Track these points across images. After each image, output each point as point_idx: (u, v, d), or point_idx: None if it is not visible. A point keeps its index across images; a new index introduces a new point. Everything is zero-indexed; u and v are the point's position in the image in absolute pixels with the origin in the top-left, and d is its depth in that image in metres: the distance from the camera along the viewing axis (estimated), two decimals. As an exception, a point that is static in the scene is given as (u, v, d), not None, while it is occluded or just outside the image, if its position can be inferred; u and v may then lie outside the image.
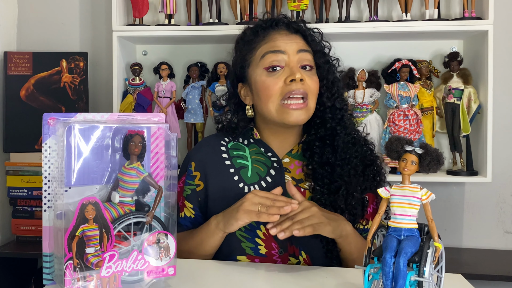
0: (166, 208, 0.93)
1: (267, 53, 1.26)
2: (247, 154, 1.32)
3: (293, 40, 1.28)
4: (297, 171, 1.30)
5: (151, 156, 0.92)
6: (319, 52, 1.31)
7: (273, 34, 1.30)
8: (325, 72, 1.30)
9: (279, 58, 1.25)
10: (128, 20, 1.95)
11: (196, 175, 1.31)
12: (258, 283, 1.00)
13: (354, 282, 0.98)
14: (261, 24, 1.34)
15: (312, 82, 1.26)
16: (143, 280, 0.90)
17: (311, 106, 1.26)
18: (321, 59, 1.30)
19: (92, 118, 0.91)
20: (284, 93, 1.23)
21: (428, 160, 0.79)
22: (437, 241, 0.77)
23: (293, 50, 1.26)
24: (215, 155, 1.32)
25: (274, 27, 1.31)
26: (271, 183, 1.27)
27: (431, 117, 1.84)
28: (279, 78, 1.24)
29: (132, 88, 1.90)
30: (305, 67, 1.27)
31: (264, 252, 1.21)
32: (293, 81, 1.22)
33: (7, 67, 1.92)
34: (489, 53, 1.71)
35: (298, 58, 1.26)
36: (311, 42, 1.30)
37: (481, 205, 1.96)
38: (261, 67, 1.27)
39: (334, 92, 1.30)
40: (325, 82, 1.30)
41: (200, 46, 2.01)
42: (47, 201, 0.89)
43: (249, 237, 1.21)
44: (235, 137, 1.35)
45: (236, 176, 1.28)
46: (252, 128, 1.35)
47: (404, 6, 1.82)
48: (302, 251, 1.22)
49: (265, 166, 1.30)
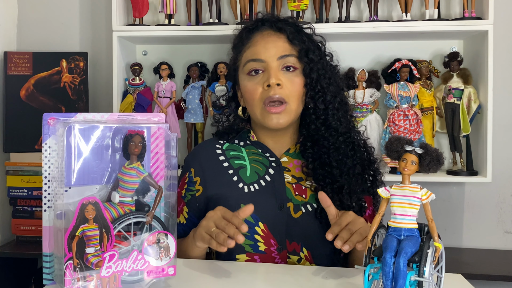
0: (166, 208, 0.93)
1: (248, 61, 1.29)
2: (244, 154, 1.33)
3: (275, 43, 1.28)
4: (296, 169, 1.31)
5: (151, 156, 0.92)
6: (303, 51, 1.28)
7: (256, 36, 1.31)
8: (307, 71, 1.28)
9: (259, 65, 1.28)
10: (128, 20, 1.95)
11: (197, 181, 1.31)
12: (258, 283, 1.00)
13: (354, 282, 0.98)
14: (247, 27, 1.35)
15: (292, 84, 1.26)
16: (143, 280, 0.90)
17: (292, 109, 1.26)
18: (303, 58, 1.28)
19: (92, 118, 0.91)
20: (263, 98, 1.25)
21: (428, 160, 0.79)
22: (437, 241, 0.77)
23: (273, 57, 1.26)
24: (212, 158, 1.32)
25: (260, 28, 1.32)
26: (270, 182, 1.27)
27: (431, 117, 1.84)
28: (259, 83, 1.27)
29: (132, 88, 1.90)
30: (288, 68, 1.27)
31: (263, 249, 1.21)
32: (270, 86, 1.24)
33: (7, 67, 1.92)
34: (489, 53, 1.71)
35: (278, 63, 1.26)
36: (295, 41, 1.29)
37: (481, 205, 1.96)
38: (244, 72, 1.31)
39: (317, 91, 1.27)
40: (308, 81, 1.28)
41: (200, 46, 2.01)
42: (47, 201, 0.89)
43: (248, 235, 1.21)
44: (231, 139, 1.36)
45: (236, 177, 1.28)
46: (249, 130, 1.36)
47: (404, 6, 1.82)
48: (303, 247, 1.22)
49: (264, 166, 1.30)
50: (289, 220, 1.23)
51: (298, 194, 1.26)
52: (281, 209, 1.23)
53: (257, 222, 1.22)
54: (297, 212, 1.24)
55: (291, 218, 1.23)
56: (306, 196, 1.26)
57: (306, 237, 1.21)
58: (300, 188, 1.27)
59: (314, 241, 1.22)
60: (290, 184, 1.27)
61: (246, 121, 1.39)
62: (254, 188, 1.26)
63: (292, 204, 1.24)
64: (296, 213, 1.24)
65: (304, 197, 1.26)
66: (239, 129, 1.37)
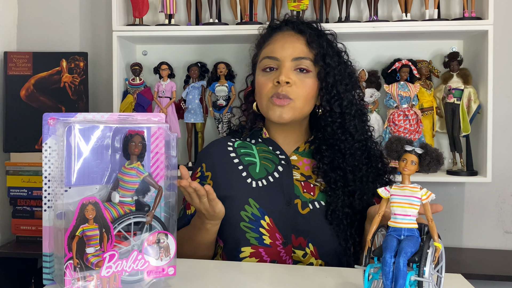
0: (166, 208, 0.93)
1: (264, 57, 1.33)
2: (254, 152, 1.35)
3: (293, 43, 1.32)
4: (306, 168, 1.33)
5: (151, 156, 0.92)
6: (320, 55, 1.31)
7: (277, 35, 1.36)
8: (323, 75, 1.31)
9: (273, 63, 1.31)
10: (128, 20, 1.95)
11: (208, 175, 1.34)
12: (258, 283, 1.00)
13: (354, 282, 0.98)
14: (271, 26, 1.40)
15: (302, 85, 1.29)
16: (143, 280, 0.90)
17: (297, 106, 1.28)
18: (319, 62, 1.31)
19: (92, 118, 0.92)
20: (272, 92, 1.29)
21: (428, 160, 0.79)
22: (437, 241, 0.77)
23: (288, 57, 1.30)
24: (223, 155, 1.35)
25: (282, 28, 1.37)
26: (278, 178, 1.29)
27: (431, 117, 1.84)
28: (270, 79, 1.31)
29: (132, 88, 1.90)
30: (302, 70, 1.30)
31: (268, 242, 1.23)
32: (279, 83, 1.28)
33: (7, 67, 1.92)
34: (489, 53, 1.71)
35: (292, 64, 1.30)
36: (313, 45, 1.32)
37: (481, 205, 1.96)
38: (260, 68, 1.35)
39: (333, 95, 1.30)
40: (324, 85, 1.31)
41: (200, 46, 2.01)
42: (47, 201, 0.89)
43: (253, 227, 1.24)
44: (244, 137, 1.39)
45: (245, 172, 1.31)
46: (262, 128, 1.39)
47: (404, 6, 1.82)
48: (310, 243, 1.23)
49: (273, 163, 1.32)
50: (297, 216, 1.24)
51: (306, 192, 1.28)
52: (289, 205, 1.25)
53: (263, 216, 1.24)
54: (305, 208, 1.25)
55: (299, 214, 1.25)
56: (314, 193, 1.28)
57: (313, 233, 1.23)
58: (309, 185, 1.29)
59: (321, 237, 1.24)
60: (299, 182, 1.29)
61: (260, 118, 1.42)
62: (262, 183, 1.28)
63: (300, 200, 1.26)
64: (304, 210, 1.25)
65: (312, 195, 1.27)
66: (252, 127, 1.40)
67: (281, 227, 1.24)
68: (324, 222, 1.24)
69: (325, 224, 1.24)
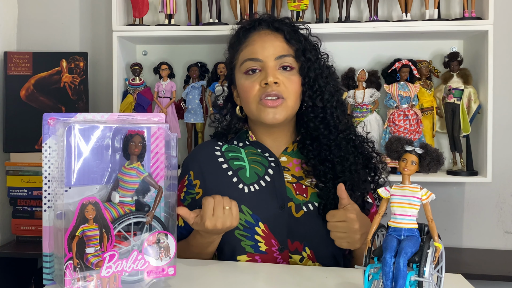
0: (166, 208, 0.93)
1: (245, 60, 1.29)
2: (243, 155, 1.33)
3: (272, 42, 1.29)
4: (296, 168, 1.31)
5: (151, 156, 0.92)
6: (300, 50, 1.30)
7: (253, 36, 1.32)
8: (305, 70, 1.29)
9: (256, 64, 1.28)
10: (128, 20, 1.95)
11: (196, 184, 1.31)
12: (258, 283, 1.00)
13: (354, 282, 0.98)
14: (244, 26, 1.35)
15: (290, 83, 1.27)
16: (143, 280, 0.90)
17: (289, 105, 1.26)
18: (301, 58, 1.29)
19: (92, 118, 0.91)
20: (260, 94, 1.26)
21: (428, 160, 0.79)
22: (437, 241, 0.77)
23: (271, 57, 1.27)
24: (211, 160, 1.32)
25: (257, 27, 1.33)
26: (270, 182, 1.27)
27: (431, 117, 1.84)
28: (256, 81, 1.27)
29: (132, 88, 1.90)
30: (285, 68, 1.28)
31: (264, 249, 1.21)
32: (267, 84, 1.25)
33: (7, 67, 1.92)
34: (489, 53, 1.71)
35: (275, 63, 1.27)
36: (292, 41, 1.30)
37: (481, 205, 1.96)
38: (241, 71, 1.30)
39: (315, 90, 1.29)
40: (306, 80, 1.29)
41: (200, 46, 2.01)
42: (47, 201, 0.89)
43: (248, 235, 1.22)
44: (229, 140, 1.36)
45: (235, 178, 1.28)
46: (247, 131, 1.36)
47: (404, 6, 1.82)
48: (306, 246, 1.22)
49: (263, 166, 1.30)
50: (291, 219, 1.23)
51: (299, 194, 1.26)
52: (282, 209, 1.23)
53: (257, 222, 1.22)
54: (299, 211, 1.24)
55: (293, 218, 1.23)
56: (307, 195, 1.26)
57: (308, 236, 1.22)
58: (301, 187, 1.27)
59: (317, 240, 1.22)
60: (290, 184, 1.27)
61: (243, 121, 1.39)
62: (254, 188, 1.26)
63: (293, 203, 1.24)
64: (298, 213, 1.24)
65: (305, 196, 1.26)
66: (237, 130, 1.37)
67: (277, 233, 1.22)
68: (319, 224, 1.22)
69: (320, 226, 1.21)
